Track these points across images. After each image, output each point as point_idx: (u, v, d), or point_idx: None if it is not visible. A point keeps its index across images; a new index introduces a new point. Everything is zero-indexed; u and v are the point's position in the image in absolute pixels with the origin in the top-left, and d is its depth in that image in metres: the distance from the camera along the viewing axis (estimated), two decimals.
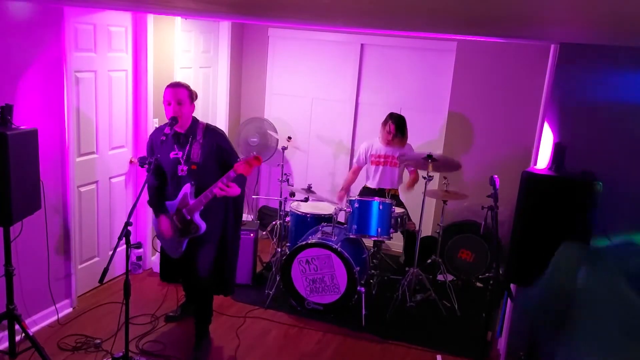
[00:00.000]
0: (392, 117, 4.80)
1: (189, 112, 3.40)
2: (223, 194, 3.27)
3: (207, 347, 3.69)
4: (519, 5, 1.70)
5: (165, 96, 3.36)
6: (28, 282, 3.65)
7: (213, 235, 3.52)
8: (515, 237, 2.97)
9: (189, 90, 3.40)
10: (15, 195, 2.95)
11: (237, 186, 3.31)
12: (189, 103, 3.38)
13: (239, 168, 3.20)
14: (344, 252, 4.10)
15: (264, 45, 5.88)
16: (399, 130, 4.75)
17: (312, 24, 4.33)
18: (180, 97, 3.33)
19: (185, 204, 3.40)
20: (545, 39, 3.40)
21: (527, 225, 2.91)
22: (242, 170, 3.21)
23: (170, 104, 3.34)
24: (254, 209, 6.08)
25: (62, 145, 3.83)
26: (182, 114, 3.34)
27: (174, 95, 3.33)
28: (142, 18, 4.44)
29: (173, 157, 3.42)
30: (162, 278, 3.97)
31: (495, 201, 3.28)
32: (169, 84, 3.42)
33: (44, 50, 3.58)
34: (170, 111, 3.34)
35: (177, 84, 3.42)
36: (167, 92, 3.36)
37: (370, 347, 3.94)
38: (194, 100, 3.44)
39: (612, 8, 1.55)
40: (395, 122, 4.76)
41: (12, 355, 3.30)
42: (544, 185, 2.89)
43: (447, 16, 2.23)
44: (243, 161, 3.20)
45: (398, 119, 4.79)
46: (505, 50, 4.90)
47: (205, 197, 3.32)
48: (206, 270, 3.52)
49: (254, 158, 3.20)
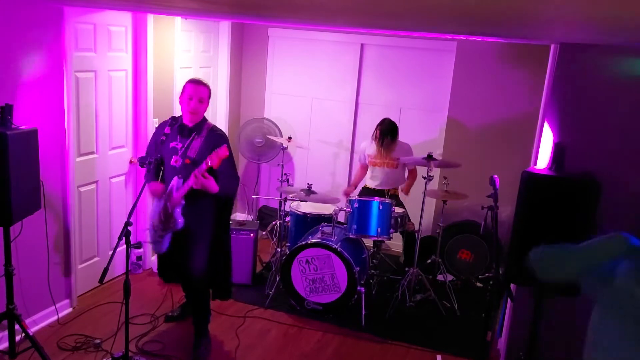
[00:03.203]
0: (382, 123, 4.77)
1: (205, 111, 3.47)
2: (199, 184, 3.20)
3: (206, 347, 3.69)
4: (519, 5, 1.70)
5: (188, 90, 3.39)
6: (28, 282, 3.65)
7: (203, 234, 3.49)
8: (515, 237, 2.97)
9: (209, 89, 3.48)
10: (15, 195, 2.95)
11: (214, 181, 3.24)
12: (208, 103, 3.47)
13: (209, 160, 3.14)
14: (343, 252, 4.10)
15: (264, 45, 5.88)
16: (385, 135, 4.71)
17: (312, 24, 4.33)
18: (202, 95, 3.40)
19: (169, 197, 3.39)
20: (545, 39, 3.40)
21: (527, 225, 2.91)
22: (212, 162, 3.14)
23: (192, 99, 3.37)
24: (254, 209, 6.08)
25: (62, 145, 3.83)
26: (199, 111, 3.41)
27: (197, 92, 3.38)
28: (142, 18, 4.44)
29: (172, 146, 3.43)
30: (160, 276, 3.97)
31: (495, 201, 3.28)
32: (191, 80, 3.46)
33: (44, 50, 3.58)
34: (190, 106, 3.38)
35: (201, 82, 3.46)
36: (190, 88, 3.40)
37: (370, 347, 3.95)
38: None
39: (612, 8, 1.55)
40: (381, 129, 4.73)
41: (12, 355, 3.30)
42: (544, 185, 2.88)
43: (447, 16, 2.23)
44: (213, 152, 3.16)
45: (386, 125, 4.74)
46: (505, 51, 4.90)
47: (184, 189, 3.28)
48: (200, 270, 3.50)
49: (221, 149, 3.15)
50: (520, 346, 3.29)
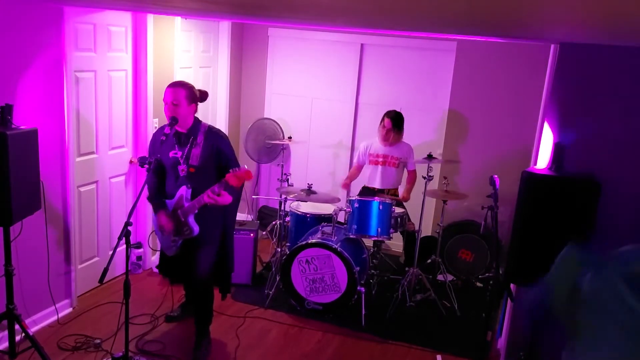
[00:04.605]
0: (388, 113, 4.80)
1: (187, 112, 3.37)
2: (212, 203, 3.26)
3: (207, 347, 3.69)
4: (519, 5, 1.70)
5: (164, 95, 3.36)
6: (28, 282, 3.65)
7: (213, 238, 3.54)
8: (515, 237, 2.97)
9: (188, 90, 3.36)
10: (15, 195, 2.95)
11: (228, 195, 3.28)
12: (187, 104, 3.34)
13: (230, 180, 3.17)
14: (344, 252, 4.10)
15: (264, 45, 5.88)
16: (394, 125, 4.73)
17: (312, 24, 4.33)
18: (176, 97, 3.30)
19: (180, 206, 3.41)
20: (545, 39, 3.40)
21: (527, 225, 2.91)
22: (233, 182, 3.17)
23: (166, 103, 3.34)
24: (254, 209, 6.08)
25: (62, 145, 3.82)
26: (178, 114, 3.32)
27: (170, 95, 3.32)
28: (142, 18, 4.44)
29: (172, 156, 3.42)
30: (164, 276, 3.99)
31: (495, 201, 3.28)
32: (170, 84, 3.41)
33: (44, 50, 3.58)
34: (166, 111, 3.35)
35: (176, 84, 3.40)
36: (166, 92, 3.35)
37: (370, 347, 3.94)
38: (194, 100, 3.40)
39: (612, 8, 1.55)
40: (390, 117, 4.75)
41: (12, 355, 3.30)
42: (544, 185, 2.89)
43: (447, 16, 2.23)
44: (233, 174, 3.16)
45: (394, 114, 4.78)
46: (505, 50, 4.90)
47: (198, 202, 3.32)
48: (205, 271, 3.52)
49: (245, 173, 3.18)
50: (520, 346, 3.29)
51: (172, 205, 3.45)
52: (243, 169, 3.19)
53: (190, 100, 3.37)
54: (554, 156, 3.01)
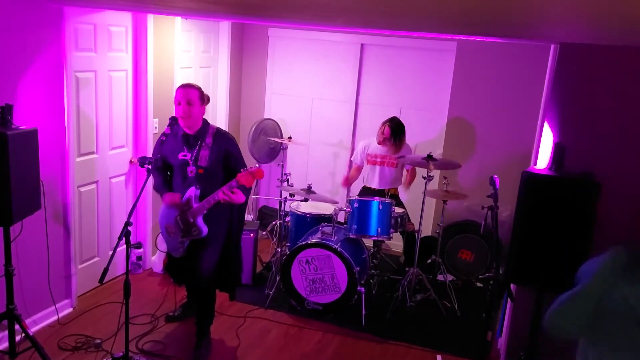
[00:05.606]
0: (392, 121, 4.74)
1: (199, 113, 3.42)
2: (227, 200, 3.29)
3: (207, 347, 3.69)
4: (519, 5, 1.70)
5: (176, 96, 3.40)
6: (28, 282, 3.65)
7: (218, 238, 3.55)
8: (515, 237, 2.97)
9: (200, 91, 3.43)
10: (15, 195, 2.95)
11: (241, 193, 3.33)
12: (199, 104, 3.41)
13: (242, 179, 3.22)
14: (344, 252, 4.10)
15: (264, 45, 5.88)
16: (393, 135, 4.69)
17: (312, 24, 4.33)
18: (190, 98, 3.36)
19: (189, 207, 3.42)
20: (545, 39, 3.40)
21: (527, 225, 2.91)
22: (245, 181, 3.23)
23: (180, 103, 3.37)
24: (254, 209, 6.08)
25: (62, 145, 3.82)
26: (191, 114, 3.37)
27: (184, 95, 3.36)
28: (142, 18, 4.44)
29: (182, 158, 3.45)
30: (171, 277, 3.99)
31: (495, 201, 3.28)
32: (181, 85, 3.45)
33: (44, 50, 3.58)
34: (180, 111, 3.37)
35: (189, 85, 3.45)
36: (178, 92, 3.39)
37: (370, 347, 3.94)
38: (204, 102, 3.46)
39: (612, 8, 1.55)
40: (391, 127, 4.69)
41: (12, 355, 3.30)
42: (544, 185, 2.88)
43: (447, 16, 2.23)
44: (246, 172, 3.23)
45: (396, 124, 4.72)
46: (505, 51, 4.90)
47: (208, 202, 3.35)
48: (209, 271, 3.53)
49: (257, 171, 3.23)
50: (520, 346, 3.29)
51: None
52: (255, 168, 3.23)
53: (202, 101, 3.44)
54: (554, 156, 3.01)
